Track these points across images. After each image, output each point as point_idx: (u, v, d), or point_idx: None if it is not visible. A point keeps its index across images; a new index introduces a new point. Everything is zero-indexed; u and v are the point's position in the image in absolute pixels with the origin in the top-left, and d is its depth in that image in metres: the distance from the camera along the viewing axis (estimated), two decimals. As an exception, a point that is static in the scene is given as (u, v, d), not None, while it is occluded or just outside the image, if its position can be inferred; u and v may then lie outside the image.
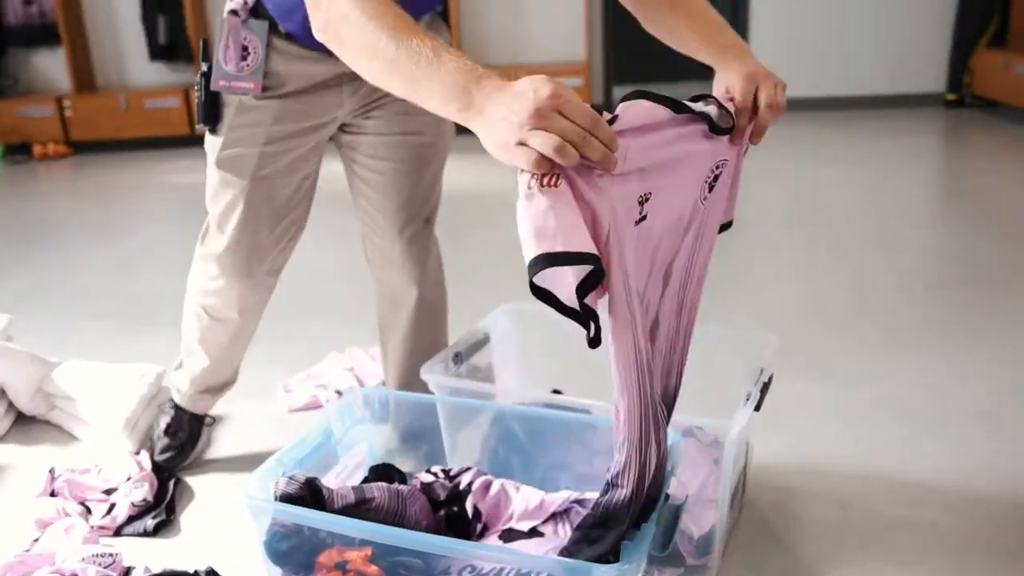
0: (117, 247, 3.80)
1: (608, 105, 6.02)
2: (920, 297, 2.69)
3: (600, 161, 0.85)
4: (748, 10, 5.82)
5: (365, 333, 2.38)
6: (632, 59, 6.70)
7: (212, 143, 1.53)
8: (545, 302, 0.91)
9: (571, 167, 0.85)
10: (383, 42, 0.99)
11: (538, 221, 0.86)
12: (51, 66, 6.08)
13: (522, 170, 0.86)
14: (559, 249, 0.86)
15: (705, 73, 1.20)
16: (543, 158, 0.83)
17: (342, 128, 1.61)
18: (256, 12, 1.45)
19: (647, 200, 1.00)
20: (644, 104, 0.96)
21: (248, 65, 1.45)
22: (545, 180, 0.87)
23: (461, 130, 1.09)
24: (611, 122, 0.90)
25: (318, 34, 1.07)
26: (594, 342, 0.91)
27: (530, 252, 0.86)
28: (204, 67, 1.48)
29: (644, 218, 1.00)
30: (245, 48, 1.44)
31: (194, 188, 4.70)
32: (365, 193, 1.68)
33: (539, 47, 5.88)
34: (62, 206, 4.72)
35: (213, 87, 1.47)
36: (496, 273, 3.05)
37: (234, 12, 1.45)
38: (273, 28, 1.45)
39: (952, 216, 3.66)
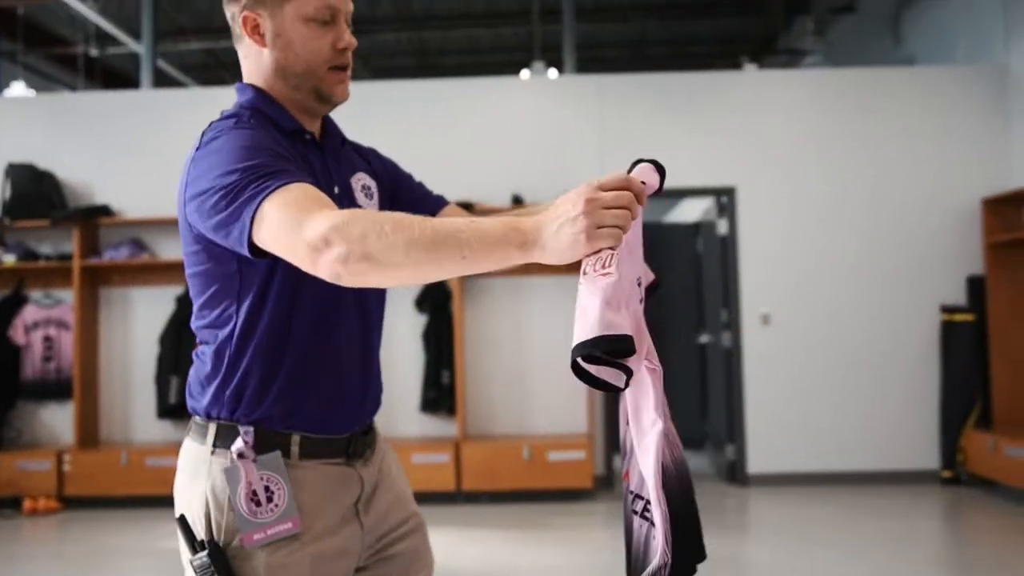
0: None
1: (610, 476, 6.05)
2: None
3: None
4: (742, 392, 6.08)
5: None
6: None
7: None
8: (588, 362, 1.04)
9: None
10: (416, 234, 1.07)
11: (609, 296, 1.03)
12: (57, 420, 6.16)
13: (599, 251, 1.05)
14: (622, 332, 1.02)
15: (698, 443, 1.23)
16: (622, 230, 1.03)
17: None
18: (261, 443, 1.36)
19: (640, 283, 1.16)
20: (646, 168, 1.16)
21: (277, 505, 1.33)
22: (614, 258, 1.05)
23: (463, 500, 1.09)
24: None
25: (339, 270, 1.10)
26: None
27: (593, 329, 1.01)
28: (203, 553, 1.32)
29: (641, 300, 1.16)
30: (267, 488, 1.34)
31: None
32: None
33: (543, 419, 6.04)
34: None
35: (249, 546, 1.31)
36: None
37: (241, 455, 1.34)
38: (284, 453, 1.37)
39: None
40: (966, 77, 6.23)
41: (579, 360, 1.04)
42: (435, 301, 6.04)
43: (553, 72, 7.95)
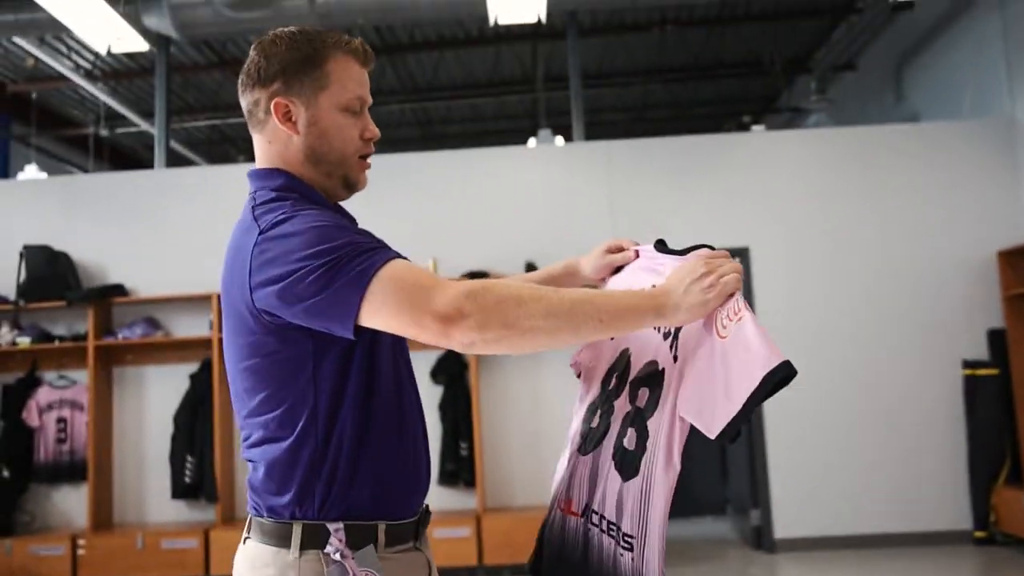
0: None
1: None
2: None
3: None
4: (765, 455, 5.98)
5: None
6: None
7: None
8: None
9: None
10: (554, 301, 1.17)
11: (763, 330, 1.18)
12: (71, 502, 6.06)
13: (731, 297, 1.24)
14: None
15: (720, 508, 1.65)
16: (739, 277, 1.25)
17: None
18: (351, 538, 1.31)
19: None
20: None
21: None
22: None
23: None
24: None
25: (474, 338, 1.16)
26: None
27: (776, 357, 1.14)
28: None
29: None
30: None
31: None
32: None
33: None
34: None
35: None
36: None
37: (341, 554, 1.30)
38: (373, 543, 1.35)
39: None
40: (972, 131, 6.27)
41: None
42: (451, 372, 6.00)
43: (560, 139, 8.03)
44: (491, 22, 5.86)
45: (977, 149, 6.21)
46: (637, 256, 1.62)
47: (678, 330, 1.38)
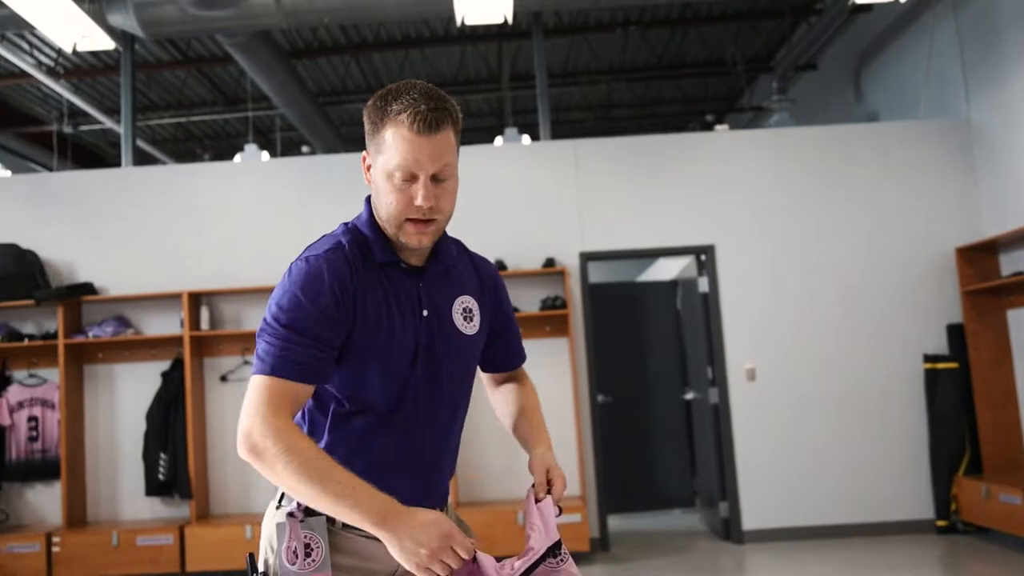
0: None
1: (605, 536, 6.02)
2: None
3: None
4: (732, 448, 6.13)
5: None
6: (623, 492, 7.12)
7: None
8: None
9: None
10: (303, 476, 1.42)
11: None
12: (44, 500, 6.01)
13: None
14: None
15: (689, 501, 1.77)
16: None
17: None
18: (311, 509, 1.54)
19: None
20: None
21: (314, 560, 1.54)
22: None
23: None
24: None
25: (248, 459, 1.46)
26: None
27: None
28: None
29: None
30: (308, 545, 1.55)
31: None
32: None
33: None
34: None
35: None
36: None
37: (291, 514, 1.56)
38: (330, 520, 1.56)
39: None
40: (930, 132, 6.46)
41: None
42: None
43: (526, 138, 8.11)
44: (458, 23, 5.91)
45: (935, 149, 6.41)
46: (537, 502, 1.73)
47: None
